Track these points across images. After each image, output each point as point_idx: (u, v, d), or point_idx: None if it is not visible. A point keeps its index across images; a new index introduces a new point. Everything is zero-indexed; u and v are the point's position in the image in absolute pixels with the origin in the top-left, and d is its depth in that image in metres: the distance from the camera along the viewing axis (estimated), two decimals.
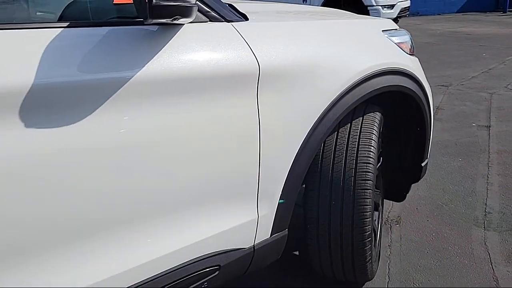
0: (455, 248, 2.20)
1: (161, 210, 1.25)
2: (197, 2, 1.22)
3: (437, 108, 4.45)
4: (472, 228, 2.36)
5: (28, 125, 0.99)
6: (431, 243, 2.24)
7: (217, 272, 1.41)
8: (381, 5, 9.44)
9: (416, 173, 2.19)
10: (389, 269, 2.06)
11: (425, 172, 2.21)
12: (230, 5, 1.48)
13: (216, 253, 1.39)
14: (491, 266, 2.06)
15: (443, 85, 5.36)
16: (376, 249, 1.97)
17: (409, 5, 10.51)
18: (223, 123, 1.32)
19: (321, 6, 9.22)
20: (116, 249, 1.18)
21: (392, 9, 9.56)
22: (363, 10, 9.08)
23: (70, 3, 1.33)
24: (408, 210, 2.56)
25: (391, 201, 2.51)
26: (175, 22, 1.11)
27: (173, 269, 1.29)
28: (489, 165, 3.14)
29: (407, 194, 2.30)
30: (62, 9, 1.30)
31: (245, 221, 1.44)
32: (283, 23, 1.63)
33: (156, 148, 1.20)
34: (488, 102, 4.68)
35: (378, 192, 2.02)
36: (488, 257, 2.12)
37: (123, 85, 1.10)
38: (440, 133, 3.75)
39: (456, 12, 14.85)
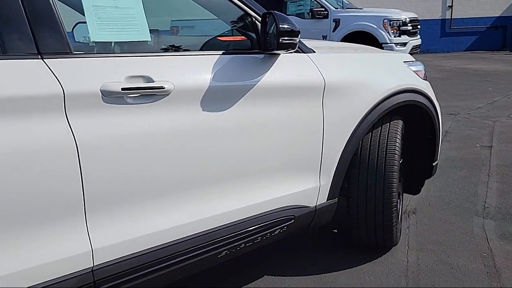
0: (459, 229, 2.83)
1: (261, 171, 1.93)
2: None
3: (446, 132, 5.11)
4: (473, 217, 3.00)
5: (204, 108, 1.69)
6: (441, 226, 2.88)
7: (292, 221, 2.07)
8: (394, 43, 10.11)
9: (429, 171, 2.84)
10: (408, 241, 2.69)
11: (435, 171, 2.86)
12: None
13: (293, 206, 2.06)
14: (487, 241, 2.68)
15: (451, 114, 6.03)
16: (399, 225, 2.61)
17: (420, 43, 11.13)
18: (300, 118, 2.01)
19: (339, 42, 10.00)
20: (237, 195, 1.86)
21: (404, 46, 10.22)
22: (377, 47, 9.79)
23: (206, 41, 2.08)
24: (422, 205, 3.20)
25: (408, 198, 3.17)
26: (287, 52, 1.83)
27: (268, 212, 1.96)
28: (489, 175, 3.77)
29: (421, 190, 2.95)
30: (202, 44, 2.04)
31: (311, 187, 2.11)
32: (338, 55, 2.37)
33: (261, 130, 1.89)
34: (491, 128, 5.33)
35: (399, 184, 2.67)
36: (485, 235, 2.75)
37: (249, 90, 1.81)
38: (448, 151, 4.40)
39: (465, 50, 15.54)
